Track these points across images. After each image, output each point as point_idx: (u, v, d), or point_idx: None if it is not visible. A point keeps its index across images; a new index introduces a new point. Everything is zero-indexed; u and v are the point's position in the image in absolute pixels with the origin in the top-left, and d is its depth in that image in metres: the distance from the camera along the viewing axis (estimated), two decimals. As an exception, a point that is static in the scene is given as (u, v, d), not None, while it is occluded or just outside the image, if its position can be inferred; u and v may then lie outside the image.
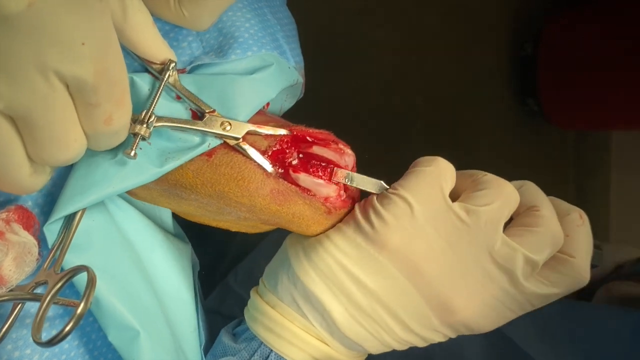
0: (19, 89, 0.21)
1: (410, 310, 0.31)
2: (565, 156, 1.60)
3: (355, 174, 0.32)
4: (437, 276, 0.30)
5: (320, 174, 0.32)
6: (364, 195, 0.34)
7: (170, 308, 0.34)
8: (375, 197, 0.32)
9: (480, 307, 0.30)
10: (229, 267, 0.53)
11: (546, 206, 0.32)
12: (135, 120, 0.28)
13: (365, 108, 1.22)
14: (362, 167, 0.34)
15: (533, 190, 0.33)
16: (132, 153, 0.28)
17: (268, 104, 0.35)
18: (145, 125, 0.28)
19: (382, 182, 0.32)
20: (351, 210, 0.33)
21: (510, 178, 0.33)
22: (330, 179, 0.32)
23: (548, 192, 0.34)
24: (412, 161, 0.33)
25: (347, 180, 0.32)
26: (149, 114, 0.29)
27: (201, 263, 0.41)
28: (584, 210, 0.34)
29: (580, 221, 0.33)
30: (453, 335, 0.32)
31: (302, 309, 0.32)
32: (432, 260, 0.30)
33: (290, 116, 0.42)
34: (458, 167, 0.33)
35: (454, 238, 0.30)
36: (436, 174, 0.31)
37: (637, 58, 1.19)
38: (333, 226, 0.33)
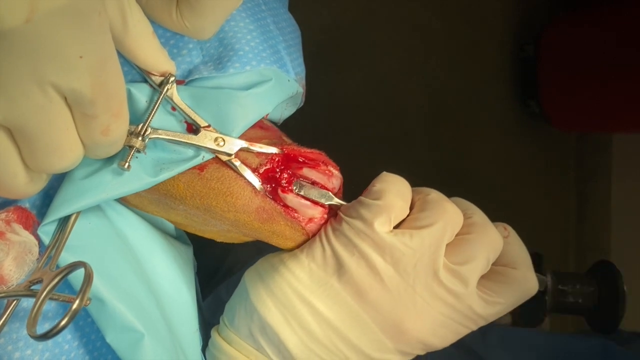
0: (16, 102, 0.21)
1: (363, 336, 0.31)
2: (566, 158, 1.60)
3: (306, 184, 0.33)
4: (382, 300, 0.31)
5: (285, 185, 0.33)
6: None
7: (171, 310, 0.35)
8: (329, 227, 0.32)
9: (430, 325, 0.31)
10: (227, 272, 0.53)
11: (477, 213, 0.33)
12: (131, 133, 0.29)
13: (366, 109, 1.22)
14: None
15: (462, 200, 0.34)
16: (126, 165, 0.29)
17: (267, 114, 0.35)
18: (140, 138, 0.29)
19: (330, 193, 0.33)
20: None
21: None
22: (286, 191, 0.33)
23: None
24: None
25: (296, 189, 0.32)
26: (145, 127, 0.29)
27: (201, 264, 0.41)
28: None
29: (505, 232, 0.34)
30: (411, 355, 0.33)
31: (259, 341, 0.32)
32: (377, 286, 0.31)
33: (291, 116, 0.42)
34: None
35: (401, 263, 0.30)
36: (386, 207, 0.31)
37: (638, 60, 1.19)
38: None
